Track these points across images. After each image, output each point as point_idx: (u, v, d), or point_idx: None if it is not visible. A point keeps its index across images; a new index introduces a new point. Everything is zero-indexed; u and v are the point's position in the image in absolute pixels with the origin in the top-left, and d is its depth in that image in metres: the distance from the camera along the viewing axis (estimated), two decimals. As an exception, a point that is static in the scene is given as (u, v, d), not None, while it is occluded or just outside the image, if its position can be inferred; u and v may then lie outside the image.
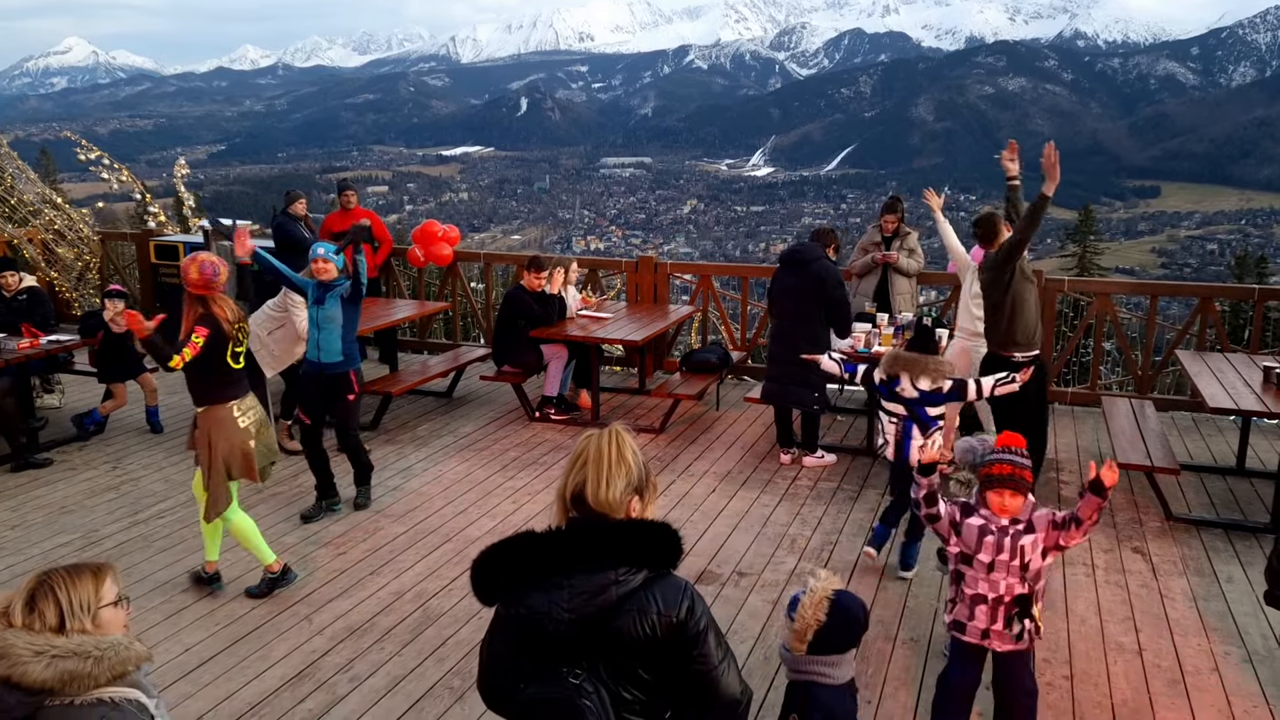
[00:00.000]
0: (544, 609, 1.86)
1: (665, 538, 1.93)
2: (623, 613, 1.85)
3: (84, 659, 1.96)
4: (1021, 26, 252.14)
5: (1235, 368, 5.95)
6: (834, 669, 2.67)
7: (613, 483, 1.96)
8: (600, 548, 1.88)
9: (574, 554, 1.88)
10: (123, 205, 21.35)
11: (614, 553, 1.88)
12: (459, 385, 8.02)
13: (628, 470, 1.98)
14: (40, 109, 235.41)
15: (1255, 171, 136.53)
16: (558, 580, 1.87)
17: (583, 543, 1.89)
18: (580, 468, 1.99)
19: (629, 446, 2.02)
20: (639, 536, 1.91)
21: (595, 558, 1.87)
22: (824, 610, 2.65)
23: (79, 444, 6.68)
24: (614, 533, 1.91)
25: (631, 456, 2.01)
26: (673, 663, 1.89)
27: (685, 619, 1.88)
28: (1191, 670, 3.90)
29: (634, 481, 1.99)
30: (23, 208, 9.93)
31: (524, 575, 1.89)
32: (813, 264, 6.09)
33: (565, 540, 1.90)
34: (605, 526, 1.93)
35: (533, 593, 1.88)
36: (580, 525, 1.95)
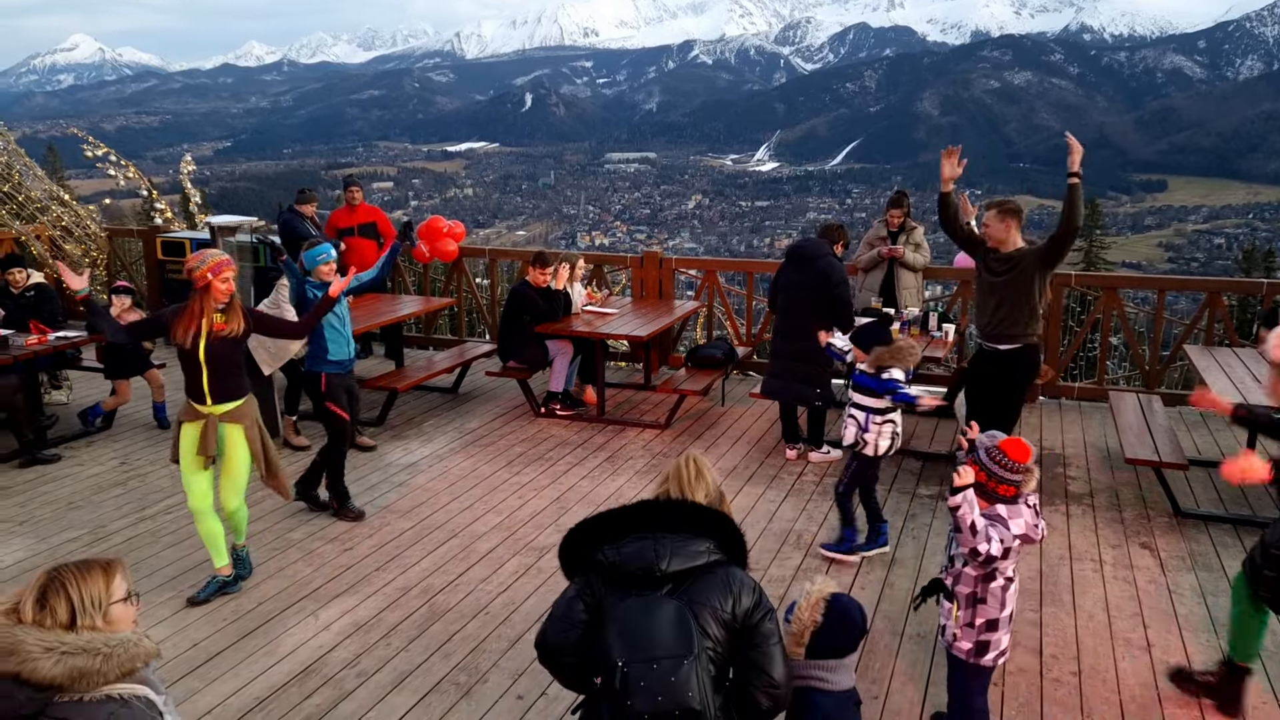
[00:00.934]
0: (648, 553, 2.20)
1: (739, 535, 2.32)
2: (709, 575, 2.21)
3: (94, 656, 1.96)
4: (1027, 20, 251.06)
5: (1244, 362, 5.92)
6: (832, 674, 2.63)
7: (697, 494, 2.49)
8: (688, 517, 2.27)
9: (664, 518, 2.26)
10: (129, 202, 21.38)
11: (698, 525, 2.26)
12: (464, 381, 8.02)
13: (706, 485, 2.52)
14: (47, 106, 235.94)
15: (1263, 165, 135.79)
16: (657, 536, 2.23)
17: (673, 510, 2.28)
18: (668, 483, 2.54)
19: (707, 467, 2.57)
20: (719, 522, 2.29)
21: (683, 524, 2.26)
22: (820, 611, 2.63)
23: (87, 440, 6.70)
24: (700, 510, 2.31)
25: (709, 474, 2.54)
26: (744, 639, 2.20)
27: (759, 598, 2.24)
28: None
29: (711, 496, 2.49)
30: (30, 204, 9.96)
31: (617, 533, 2.26)
32: (818, 261, 6.07)
33: (655, 507, 2.29)
34: (692, 506, 2.33)
35: (630, 544, 2.23)
36: (667, 501, 2.35)
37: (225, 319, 4.27)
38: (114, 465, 6.23)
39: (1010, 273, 5.09)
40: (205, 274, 4.19)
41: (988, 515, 3.04)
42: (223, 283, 4.23)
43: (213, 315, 4.23)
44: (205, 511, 4.40)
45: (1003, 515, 3.04)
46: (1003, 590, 3.08)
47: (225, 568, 4.49)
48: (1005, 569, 3.07)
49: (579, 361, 7.39)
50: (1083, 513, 5.43)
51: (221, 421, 4.36)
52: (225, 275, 4.23)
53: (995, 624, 3.08)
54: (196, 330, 4.21)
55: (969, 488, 2.98)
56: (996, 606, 3.07)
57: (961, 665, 3.16)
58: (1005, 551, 3.01)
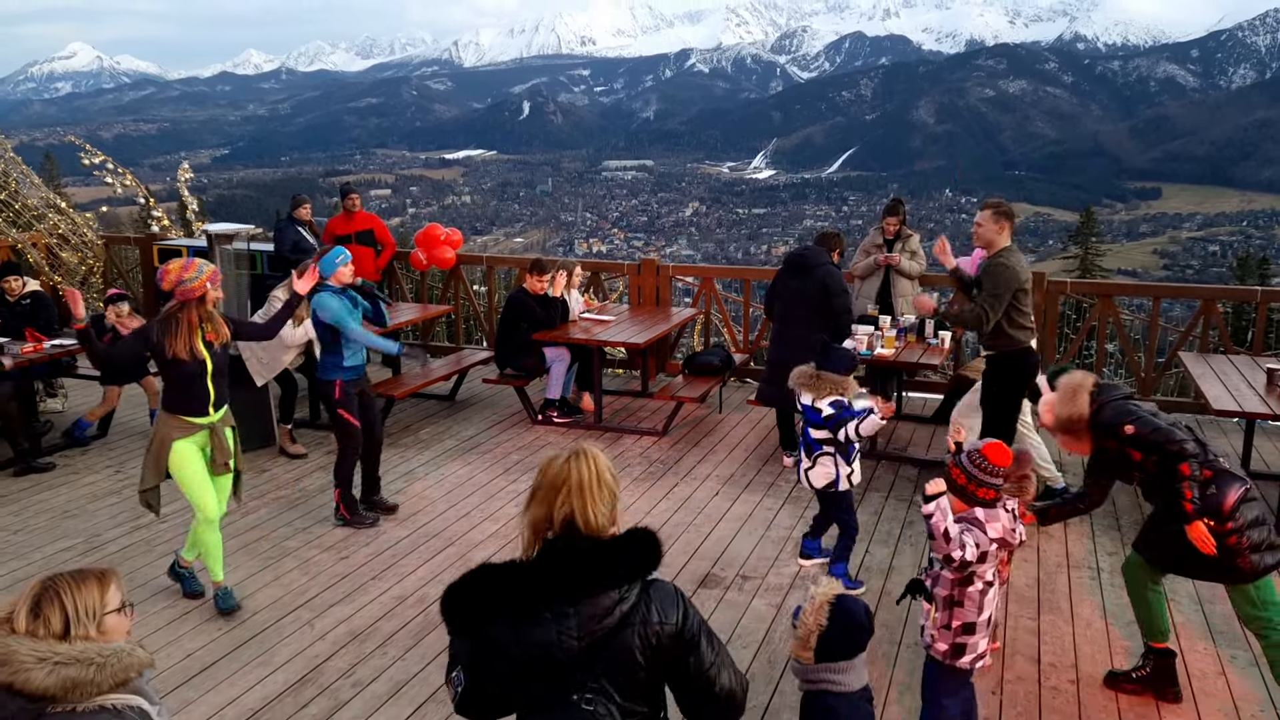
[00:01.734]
0: (552, 639, 1.84)
1: (649, 545, 1.94)
2: (627, 628, 1.86)
3: (87, 666, 1.95)
4: (1021, 29, 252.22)
5: (1239, 369, 5.93)
6: (844, 675, 2.64)
7: (599, 508, 1.96)
8: (599, 569, 1.87)
9: (574, 580, 1.86)
10: (126, 209, 21.38)
11: (612, 572, 1.88)
12: (461, 388, 8.01)
13: (611, 493, 2.00)
14: (44, 114, 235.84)
15: (1256, 173, 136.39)
16: (563, 609, 1.85)
17: (581, 567, 1.88)
18: (565, 497, 1.96)
19: (605, 466, 2.02)
20: (628, 551, 1.92)
21: (596, 580, 1.86)
22: (825, 614, 2.62)
23: (81, 448, 6.67)
24: (606, 552, 1.90)
25: (610, 476, 2.01)
26: (674, 666, 1.92)
27: (683, 624, 1.91)
28: (1198, 674, 3.88)
29: (618, 499, 2.02)
30: (27, 212, 9.94)
31: (515, 607, 1.86)
32: (817, 269, 6.07)
33: (563, 567, 1.88)
34: (596, 548, 1.91)
35: (532, 626, 1.85)
36: (573, 550, 1.92)
37: (212, 328, 4.26)
38: (109, 474, 6.21)
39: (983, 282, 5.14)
40: (204, 284, 4.17)
41: (964, 519, 3.04)
42: (217, 291, 4.26)
43: (202, 325, 4.22)
44: (217, 522, 4.38)
45: (980, 519, 3.04)
46: (980, 595, 3.07)
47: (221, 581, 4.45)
48: (983, 573, 3.07)
49: (576, 369, 7.39)
50: (1079, 520, 5.42)
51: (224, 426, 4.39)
52: (219, 283, 4.28)
53: (972, 627, 3.08)
54: (196, 341, 4.18)
55: (941, 495, 3.00)
56: (974, 610, 3.07)
57: (936, 666, 3.16)
58: (982, 556, 3.01)
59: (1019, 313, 5.10)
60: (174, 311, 4.19)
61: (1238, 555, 3.38)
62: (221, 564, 4.44)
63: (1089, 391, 3.61)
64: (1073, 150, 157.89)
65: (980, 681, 3.71)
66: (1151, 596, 3.70)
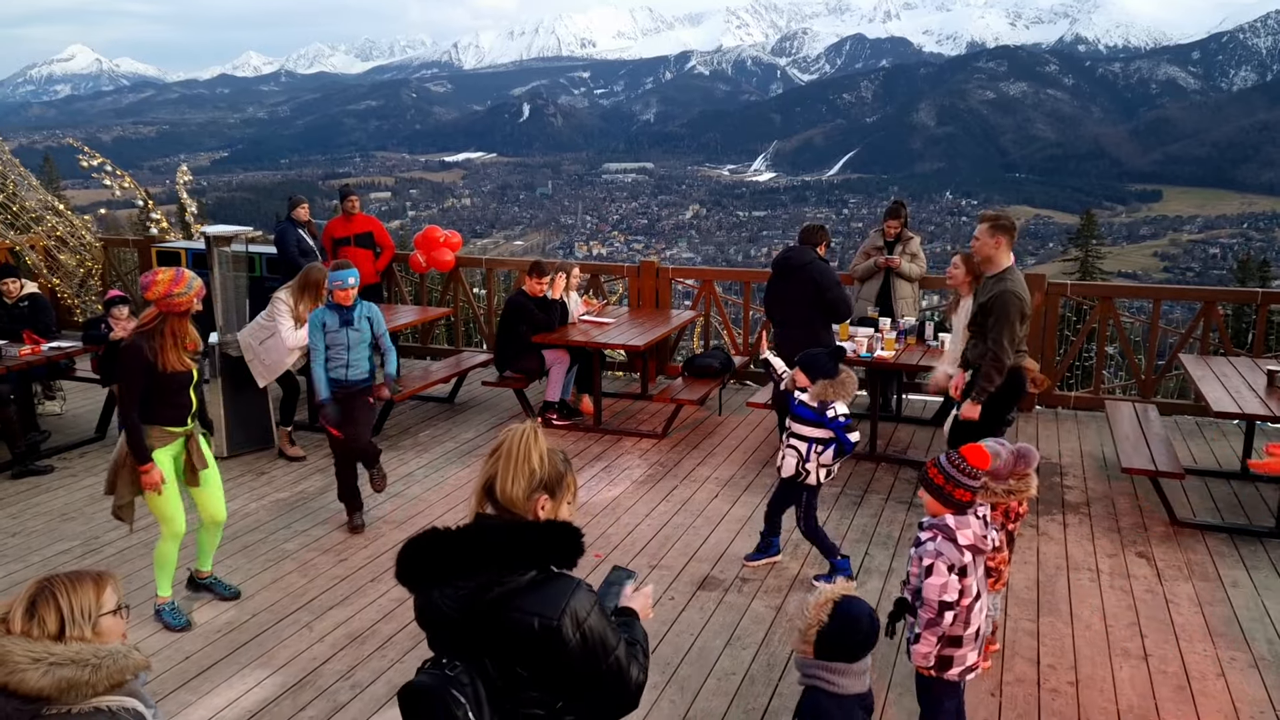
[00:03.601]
0: (435, 603, 1.93)
1: (560, 539, 1.95)
2: (505, 611, 1.89)
3: (82, 667, 1.94)
4: (1022, 31, 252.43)
5: (1239, 371, 5.93)
6: (840, 677, 2.62)
7: (517, 480, 2.00)
8: (487, 548, 1.91)
9: (464, 552, 1.93)
10: (125, 212, 21.35)
11: (501, 554, 1.91)
12: (461, 391, 8.01)
13: (532, 470, 2.02)
14: (44, 116, 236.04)
15: (1257, 175, 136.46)
16: (451, 578, 1.92)
17: (472, 542, 1.93)
18: (494, 462, 2.04)
19: (537, 446, 2.05)
20: (530, 537, 1.93)
21: (481, 558, 1.91)
22: (826, 612, 2.61)
23: (80, 450, 6.67)
24: (504, 534, 1.94)
25: (538, 457, 2.04)
26: (554, 661, 1.90)
27: (566, 624, 1.88)
28: (1198, 676, 3.87)
29: (540, 479, 2.02)
30: (25, 214, 9.94)
31: (427, 570, 1.96)
32: (805, 268, 6.04)
33: (458, 538, 1.95)
34: (496, 528, 1.97)
35: (431, 589, 1.95)
36: (476, 525, 1.99)
37: (191, 338, 4.21)
38: (107, 477, 6.19)
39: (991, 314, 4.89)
40: (192, 300, 4.07)
41: (935, 525, 3.01)
42: (200, 306, 4.18)
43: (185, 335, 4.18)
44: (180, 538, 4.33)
45: (950, 526, 2.98)
46: (967, 609, 3.01)
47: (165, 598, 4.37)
48: (968, 587, 3.00)
49: (576, 371, 7.39)
50: (1079, 522, 5.42)
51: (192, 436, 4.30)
52: (202, 295, 4.16)
53: (958, 640, 3.01)
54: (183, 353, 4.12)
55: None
56: (960, 624, 3.00)
57: (928, 682, 3.10)
58: (962, 569, 2.96)
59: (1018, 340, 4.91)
60: (159, 325, 4.07)
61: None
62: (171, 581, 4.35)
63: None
64: (1073, 152, 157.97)
65: (979, 684, 3.71)
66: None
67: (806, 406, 4.57)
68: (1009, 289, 4.76)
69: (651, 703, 3.71)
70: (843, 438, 4.53)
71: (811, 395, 4.55)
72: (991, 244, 4.88)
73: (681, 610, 4.44)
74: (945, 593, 2.93)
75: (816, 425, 4.53)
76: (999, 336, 4.73)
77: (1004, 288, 4.77)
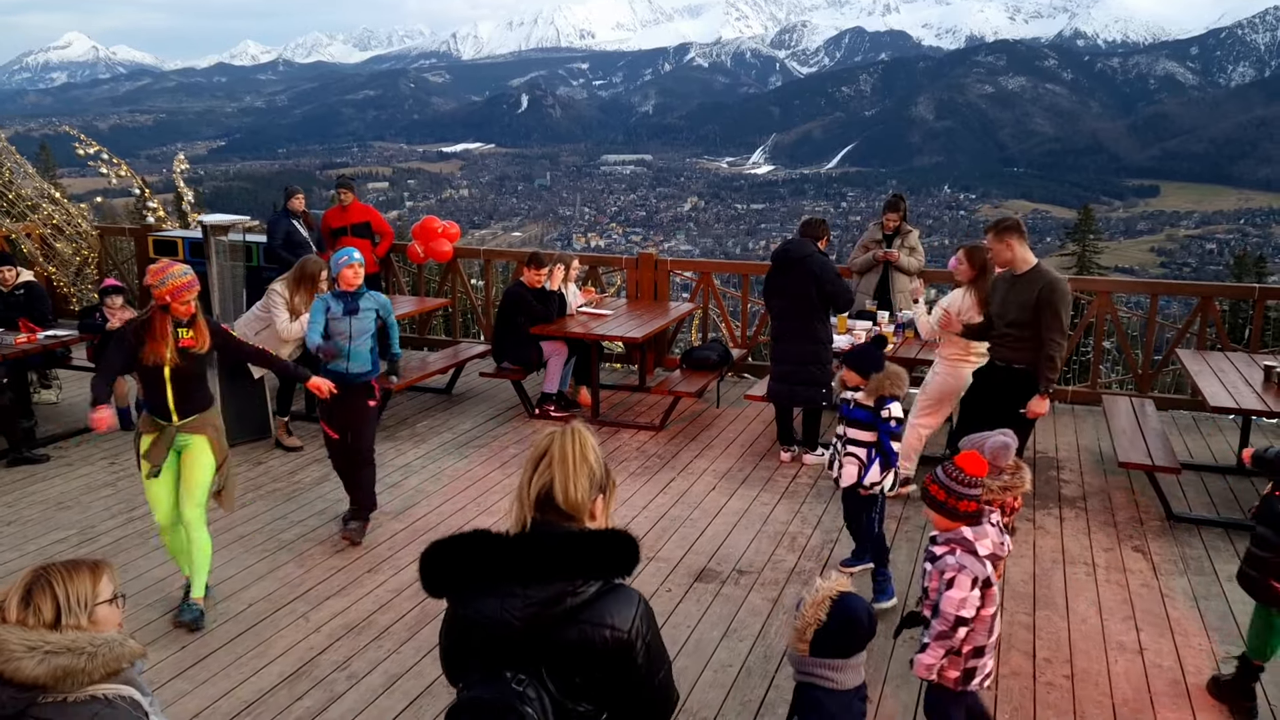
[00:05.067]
0: (495, 614, 1.85)
1: (624, 548, 1.91)
2: (575, 624, 1.84)
3: (78, 655, 1.94)
4: (1021, 26, 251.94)
5: (1236, 366, 5.94)
6: (837, 673, 2.61)
7: (579, 483, 1.95)
8: (559, 558, 1.86)
9: (531, 563, 1.86)
10: (122, 200, 21.32)
11: (572, 564, 1.86)
12: (458, 382, 8.00)
13: (590, 470, 1.98)
14: (40, 104, 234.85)
15: (1254, 171, 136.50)
16: (512, 588, 1.85)
17: (542, 552, 1.87)
18: (546, 468, 1.97)
19: (591, 445, 2.01)
20: (598, 547, 1.89)
21: (553, 568, 1.85)
22: (824, 610, 2.60)
23: (76, 440, 6.65)
24: (574, 543, 1.89)
25: (594, 455, 2.00)
26: (618, 673, 1.88)
27: (635, 636, 1.86)
28: (1193, 670, 3.88)
29: (597, 480, 1.99)
30: (21, 202, 9.90)
31: (477, 578, 1.87)
32: (804, 261, 6.04)
33: (523, 548, 1.88)
34: (565, 536, 1.91)
35: (485, 597, 1.86)
36: (540, 533, 1.93)
37: (191, 334, 4.15)
38: (103, 465, 6.19)
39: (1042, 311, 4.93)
40: (164, 295, 4.04)
41: (953, 539, 2.95)
42: (181, 305, 4.08)
43: (178, 329, 4.10)
44: (170, 527, 4.29)
45: (968, 538, 2.94)
46: (992, 617, 2.99)
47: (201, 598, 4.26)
48: (991, 597, 2.97)
49: (574, 363, 7.38)
50: (1076, 516, 5.43)
51: (181, 431, 4.19)
52: (185, 299, 4.07)
53: (981, 650, 2.98)
54: (164, 351, 4.06)
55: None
56: (984, 633, 2.97)
57: (946, 693, 3.03)
58: (985, 581, 2.92)
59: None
60: (149, 313, 4.11)
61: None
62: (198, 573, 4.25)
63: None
64: (1071, 147, 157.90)
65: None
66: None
67: (862, 408, 4.32)
68: (1050, 281, 4.87)
69: (648, 694, 3.72)
70: (887, 445, 4.26)
71: (867, 393, 4.29)
72: (1004, 248, 4.98)
73: (678, 602, 4.44)
74: (964, 608, 2.86)
75: (873, 429, 4.30)
76: (1052, 332, 4.85)
77: (1045, 281, 4.87)
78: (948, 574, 2.90)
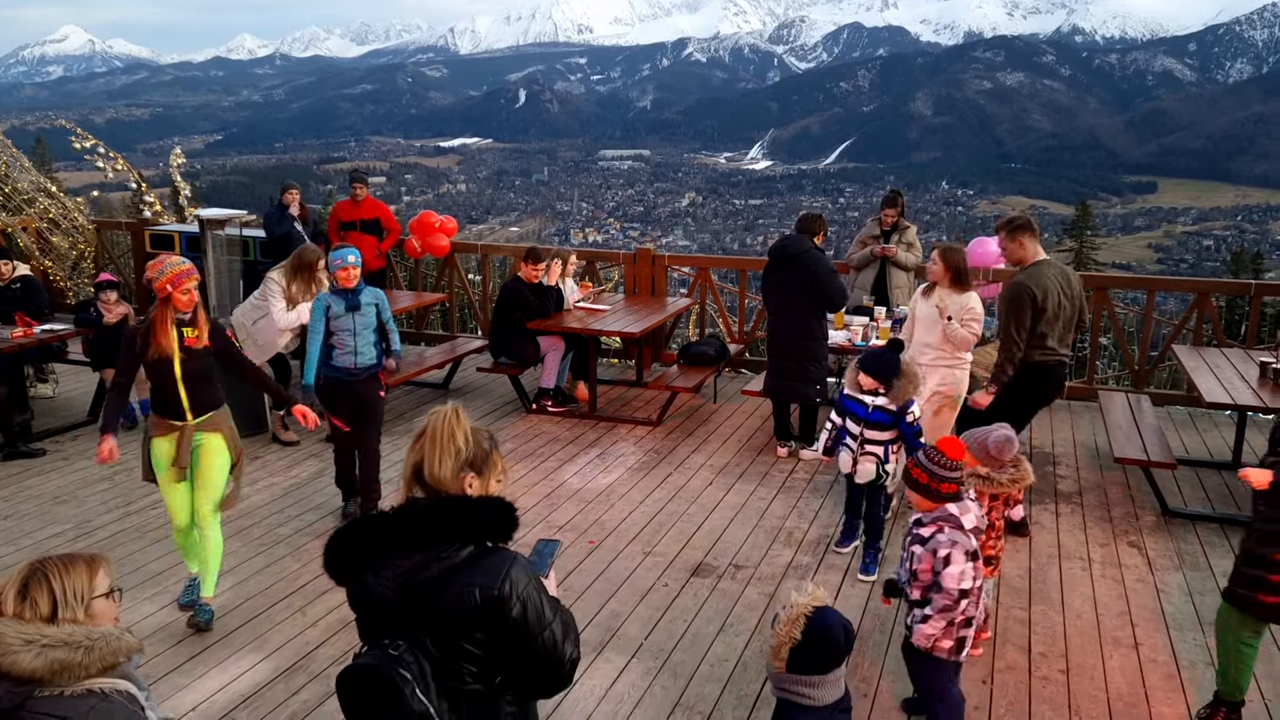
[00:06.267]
0: (372, 588, 1.95)
1: (495, 513, 1.99)
2: (446, 588, 1.91)
3: (75, 649, 1.94)
4: (1020, 21, 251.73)
5: (1232, 363, 5.95)
6: (815, 690, 2.58)
7: (444, 461, 2.04)
8: (421, 526, 1.95)
9: (398, 533, 1.95)
10: (118, 194, 21.25)
11: (435, 530, 1.94)
12: (456, 377, 7.99)
13: (457, 449, 2.06)
14: (36, 97, 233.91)
15: (1251, 168, 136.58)
16: (384, 559, 1.94)
17: (405, 522, 1.96)
18: (419, 445, 2.08)
19: (460, 426, 2.09)
20: (463, 513, 1.97)
21: (416, 536, 1.94)
22: (799, 628, 2.56)
23: (72, 434, 6.64)
24: (436, 511, 1.97)
25: (462, 436, 2.08)
26: (497, 633, 1.93)
27: (507, 592, 1.91)
28: (1187, 665, 3.90)
29: (465, 458, 2.06)
30: (17, 196, 9.87)
31: (359, 555, 1.98)
32: (801, 257, 6.04)
33: (390, 521, 1.98)
34: (428, 505, 1.99)
35: (364, 574, 1.97)
36: (408, 505, 2.01)
37: (194, 331, 4.09)
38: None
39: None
40: (165, 285, 3.97)
41: (940, 517, 3.07)
42: (183, 294, 4.00)
43: (181, 329, 4.05)
44: (188, 529, 4.26)
45: (954, 514, 3.08)
46: (979, 589, 3.13)
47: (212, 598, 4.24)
48: (979, 569, 3.11)
49: (571, 358, 7.37)
50: (1071, 511, 5.44)
51: (198, 430, 4.15)
52: (185, 286, 4.00)
53: (970, 621, 3.10)
54: (168, 345, 4.02)
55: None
56: (974, 604, 3.10)
57: (940, 664, 3.13)
58: (974, 553, 3.05)
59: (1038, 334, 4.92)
60: (150, 313, 4.07)
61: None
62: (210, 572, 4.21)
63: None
64: (1069, 143, 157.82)
65: (971, 671, 3.73)
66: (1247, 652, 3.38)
67: (884, 411, 4.40)
68: (1017, 280, 4.91)
69: (645, 689, 3.73)
70: (915, 444, 4.35)
71: (891, 398, 4.38)
72: (1015, 246, 5.06)
73: (675, 597, 4.45)
74: (963, 580, 3.00)
75: (892, 429, 4.44)
76: (1005, 326, 4.87)
77: (1015, 280, 4.93)
78: (942, 551, 3.00)
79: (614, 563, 4.73)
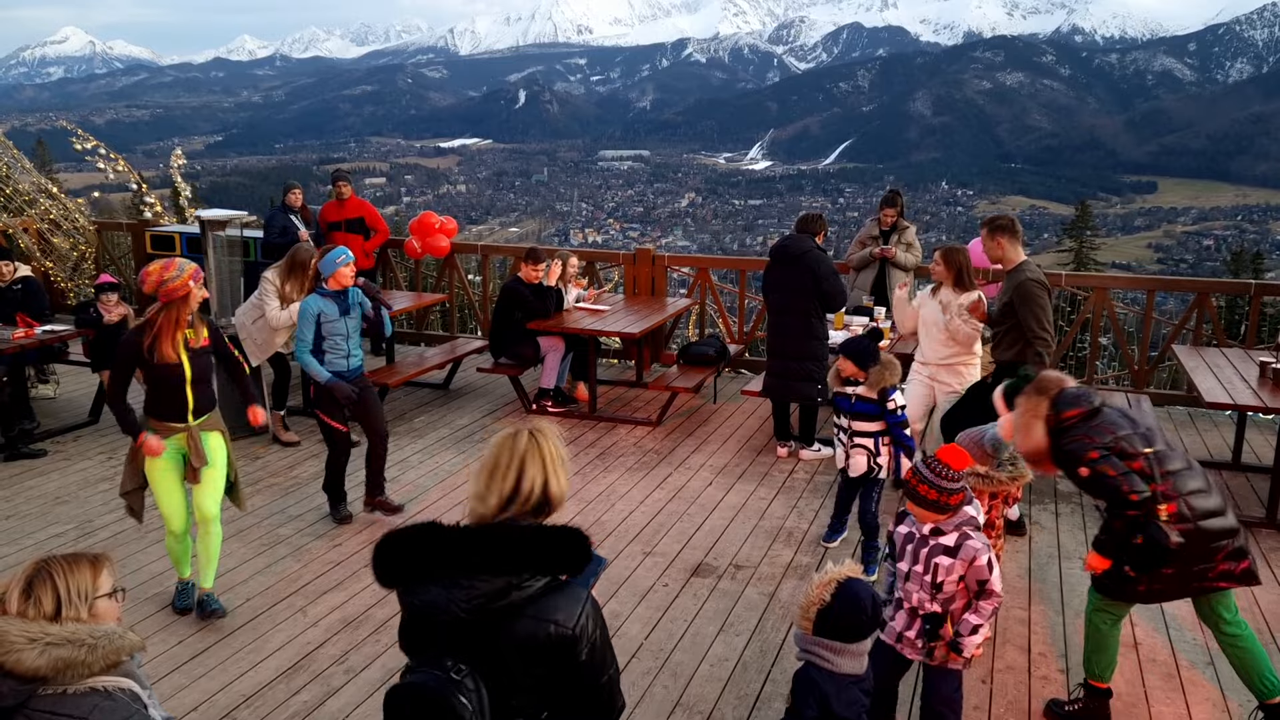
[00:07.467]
0: (441, 604, 1.86)
1: (575, 546, 1.93)
2: (521, 618, 1.85)
3: (78, 647, 1.95)
4: (1019, 21, 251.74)
5: (1232, 362, 5.95)
6: (836, 655, 2.63)
7: (561, 478, 2.07)
8: (508, 552, 1.88)
9: (480, 555, 1.87)
10: (119, 195, 21.24)
11: (520, 558, 1.87)
12: (456, 377, 8.00)
13: (566, 465, 2.10)
14: (37, 99, 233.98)
15: (1251, 167, 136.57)
16: (458, 579, 1.86)
17: (490, 545, 1.88)
18: (539, 465, 2.03)
19: (560, 444, 2.10)
20: (548, 543, 1.91)
21: (501, 562, 1.87)
22: (829, 591, 2.62)
23: (74, 435, 6.65)
24: (523, 538, 1.90)
25: (565, 451, 2.11)
26: (560, 671, 1.88)
27: (579, 633, 1.87)
28: (1187, 665, 3.91)
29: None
30: (18, 197, 9.88)
31: (427, 568, 1.89)
32: (803, 257, 6.05)
33: (473, 540, 1.89)
34: (516, 530, 1.93)
35: (432, 587, 1.87)
36: (491, 527, 1.95)
37: (194, 332, 4.10)
38: (101, 460, 6.19)
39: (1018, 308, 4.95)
40: (186, 282, 3.96)
41: (961, 523, 3.04)
42: (200, 289, 4.06)
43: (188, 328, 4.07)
44: (184, 533, 4.27)
45: (973, 516, 3.08)
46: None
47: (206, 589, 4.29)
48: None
49: (571, 358, 7.38)
50: (1071, 511, 5.45)
51: (200, 430, 4.17)
52: (202, 280, 4.09)
53: (978, 628, 3.08)
54: (179, 345, 4.02)
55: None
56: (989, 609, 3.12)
57: (952, 675, 3.14)
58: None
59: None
60: (156, 314, 4.03)
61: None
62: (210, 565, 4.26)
63: (1044, 418, 3.28)
64: (1069, 143, 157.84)
65: (971, 671, 3.74)
66: (1112, 634, 3.46)
67: (866, 400, 4.48)
68: (1025, 277, 4.93)
69: (645, 689, 3.73)
70: (901, 435, 4.45)
71: (870, 385, 4.46)
72: (994, 245, 5.10)
73: (675, 597, 4.46)
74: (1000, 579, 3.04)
75: (878, 419, 4.50)
76: (1031, 321, 4.88)
77: (1020, 278, 4.94)
78: (982, 558, 3.00)
79: (614, 563, 4.74)
